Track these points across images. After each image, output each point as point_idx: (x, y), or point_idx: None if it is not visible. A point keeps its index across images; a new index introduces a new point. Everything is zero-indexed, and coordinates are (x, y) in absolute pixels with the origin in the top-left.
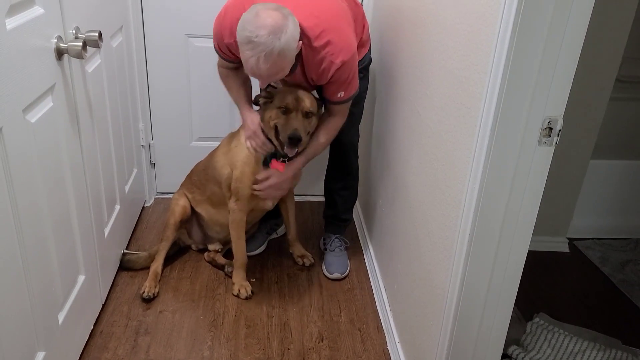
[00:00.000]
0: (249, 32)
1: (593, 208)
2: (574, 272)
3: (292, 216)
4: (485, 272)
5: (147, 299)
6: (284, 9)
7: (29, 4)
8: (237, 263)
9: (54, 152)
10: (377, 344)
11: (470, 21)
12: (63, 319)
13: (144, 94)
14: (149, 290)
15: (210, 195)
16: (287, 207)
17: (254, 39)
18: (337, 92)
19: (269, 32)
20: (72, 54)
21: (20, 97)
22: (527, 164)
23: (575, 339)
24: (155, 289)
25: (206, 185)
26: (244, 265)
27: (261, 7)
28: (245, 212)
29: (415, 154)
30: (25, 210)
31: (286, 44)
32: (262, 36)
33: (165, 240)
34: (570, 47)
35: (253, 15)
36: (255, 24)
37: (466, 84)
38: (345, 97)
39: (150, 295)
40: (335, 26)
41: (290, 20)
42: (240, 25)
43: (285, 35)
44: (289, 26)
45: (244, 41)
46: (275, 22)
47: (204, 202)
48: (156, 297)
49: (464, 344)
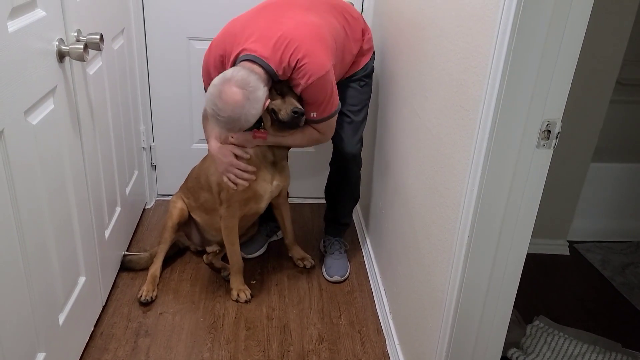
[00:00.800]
0: (213, 110)
1: (593, 211)
2: (574, 275)
3: (287, 221)
4: (484, 274)
5: (144, 303)
6: (248, 84)
7: (30, 7)
8: (234, 268)
9: (55, 154)
10: (377, 346)
11: (469, 24)
12: (64, 320)
13: (145, 96)
14: (146, 294)
15: (204, 202)
16: (282, 213)
17: (218, 117)
18: (310, 112)
19: (229, 115)
20: (73, 57)
21: (21, 99)
22: (526, 166)
23: (575, 342)
24: (153, 292)
25: (199, 192)
26: (241, 270)
27: (226, 84)
28: (237, 218)
29: (414, 156)
30: (26, 211)
31: (245, 121)
32: (224, 117)
33: (163, 243)
34: (569, 49)
35: (218, 95)
36: (218, 105)
37: (465, 87)
38: (318, 118)
39: (148, 299)
40: (306, 47)
41: (252, 97)
42: (207, 99)
43: (245, 115)
44: (249, 106)
45: (210, 114)
46: (236, 104)
47: (198, 209)
48: (154, 300)
49: (463, 346)
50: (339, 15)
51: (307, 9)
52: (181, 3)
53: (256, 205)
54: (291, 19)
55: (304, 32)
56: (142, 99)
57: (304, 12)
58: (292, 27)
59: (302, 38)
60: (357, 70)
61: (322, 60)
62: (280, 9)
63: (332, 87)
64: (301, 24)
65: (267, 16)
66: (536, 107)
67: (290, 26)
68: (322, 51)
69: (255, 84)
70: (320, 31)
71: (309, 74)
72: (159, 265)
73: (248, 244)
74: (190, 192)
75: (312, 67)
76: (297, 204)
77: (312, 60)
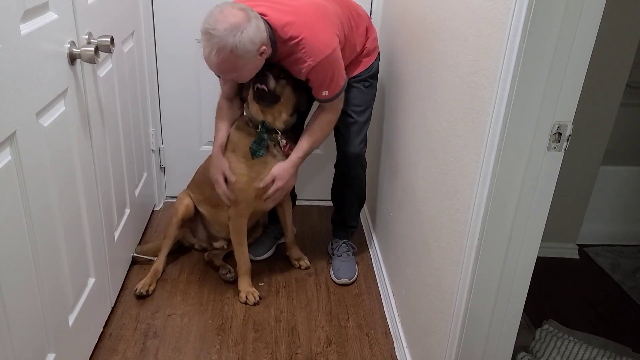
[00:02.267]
0: (208, 24)
1: (603, 214)
2: (584, 279)
3: (289, 219)
4: (494, 277)
5: (139, 296)
6: (251, 11)
7: (43, 10)
8: (241, 270)
9: (66, 156)
10: (385, 349)
11: (479, 26)
12: (73, 321)
13: (155, 98)
14: (142, 287)
15: (209, 195)
16: (284, 211)
17: (211, 31)
18: (321, 91)
19: (226, 28)
20: (84, 59)
21: (33, 101)
22: (537, 169)
23: (585, 346)
24: (150, 286)
25: (205, 186)
26: (248, 271)
27: (229, 5)
28: (246, 217)
29: (423, 159)
30: (37, 212)
31: (240, 43)
32: (219, 30)
33: (168, 239)
34: (580, 51)
35: (218, 11)
36: (215, 18)
37: (475, 89)
38: (330, 96)
39: (143, 292)
40: (311, 24)
41: (254, 22)
42: (205, 17)
43: (241, 34)
44: (250, 28)
45: (202, 32)
46: (236, 20)
47: (204, 202)
48: (150, 295)
49: (472, 349)
50: (345, 9)
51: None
52: (191, 6)
53: (263, 204)
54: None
55: (308, 9)
56: (151, 101)
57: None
58: (297, 3)
59: (305, 15)
60: (362, 70)
61: (327, 38)
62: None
63: (340, 64)
64: (306, 3)
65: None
66: (547, 110)
67: (296, 2)
68: (326, 29)
69: (257, 16)
70: (324, 10)
71: (313, 54)
72: (163, 260)
73: (256, 246)
74: (197, 185)
75: (316, 45)
76: (305, 207)
77: (315, 39)
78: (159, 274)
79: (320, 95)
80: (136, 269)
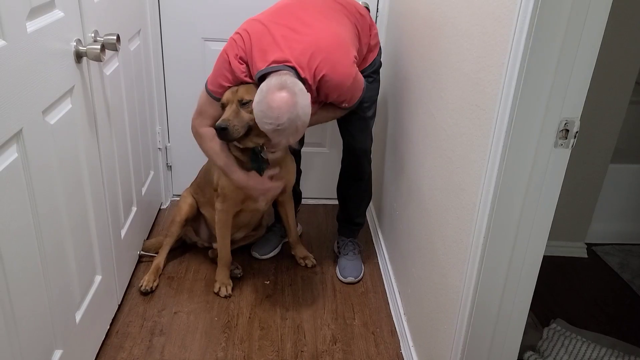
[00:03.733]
0: (270, 124)
1: (612, 213)
2: (592, 278)
3: (291, 218)
4: (500, 276)
5: (144, 292)
6: (286, 82)
7: (49, 8)
8: (221, 262)
9: (72, 154)
10: (391, 347)
11: (485, 23)
12: (80, 318)
13: (161, 96)
14: (146, 284)
15: (209, 197)
16: (286, 210)
17: (279, 128)
18: (342, 104)
19: (288, 117)
20: (90, 57)
21: (40, 99)
22: (543, 166)
23: (593, 346)
24: (153, 282)
25: (206, 188)
26: (228, 264)
27: (269, 94)
28: (231, 214)
29: (429, 156)
30: (44, 210)
31: (304, 114)
32: (284, 123)
33: (170, 236)
34: (588, 47)
35: (267, 107)
36: (273, 115)
37: (481, 86)
38: (350, 105)
39: (148, 289)
40: (331, 59)
41: (297, 90)
42: (259, 119)
43: (301, 109)
44: (299, 99)
45: (269, 131)
46: (288, 104)
47: (206, 204)
48: (154, 291)
49: (478, 348)
50: (350, 15)
51: (322, 12)
52: (197, 4)
53: (254, 203)
54: (311, 27)
55: (325, 41)
56: (158, 100)
57: (322, 18)
58: (314, 36)
59: (324, 48)
60: (365, 66)
61: (346, 70)
62: (297, 14)
63: (359, 84)
64: (322, 32)
65: (286, 22)
66: (554, 106)
67: (312, 36)
68: (345, 59)
69: (292, 80)
70: (339, 37)
71: (337, 88)
72: (164, 257)
73: (262, 245)
74: (199, 187)
75: (338, 79)
76: (311, 205)
77: (337, 74)
78: (161, 270)
79: (341, 105)
80: (143, 266)
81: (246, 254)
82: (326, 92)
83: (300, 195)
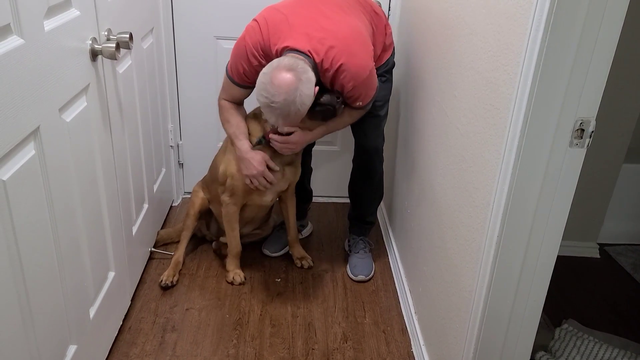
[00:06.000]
0: (266, 97)
1: (625, 213)
2: (604, 279)
3: (292, 216)
4: (513, 275)
5: (164, 287)
6: (297, 66)
7: (66, 6)
8: (232, 253)
9: (87, 151)
10: (402, 346)
11: (499, 22)
12: (94, 314)
13: (173, 94)
14: (166, 278)
15: (216, 194)
16: (287, 207)
17: (271, 105)
18: (355, 102)
19: (284, 97)
20: (106, 55)
21: (56, 96)
22: (558, 166)
23: (605, 347)
24: (173, 277)
25: (211, 185)
26: (238, 254)
27: (275, 70)
28: (238, 207)
29: (442, 155)
30: (60, 206)
31: (301, 103)
32: (278, 102)
33: (186, 230)
34: (604, 46)
35: (269, 81)
36: (271, 91)
37: (496, 85)
38: (364, 104)
39: (168, 284)
40: (349, 50)
41: (304, 77)
42: (258, 89)
43: (299, 96)
44: (303, 86)
45: (262, 105)
46: (289, 86)
47: (213, 201)
48: (174, 285)
49: (490, 348)
50: (367, 14)
51: (341, 6)
52: (209, 3)
53: (260, 198)
54: (330, 19)
55: (344, 33)
56: (170, 98)
57: (340, 12)
58: (333, 27)
59: (343, 40)
60: (379, 65)
61: (363, 62)
62: (317, 6)
63: (374, 80)
64: (341, 24)
65: (306, 12)
66: (569, 106)
67: (331, 26)
68: (363, 52)
69: (304, 66)
70: (358, 31)
71: (353, 79)
72: (183, 251)
73: (273, 242)
74: (207, 184)
75: (355, 71)
76: (322, 203)
77: (354, 65)
78: (180, 265)
79: (355, 105)
80: (154, 263)
81: (257, 252)
82: (342, 82)
83: (311, 193)
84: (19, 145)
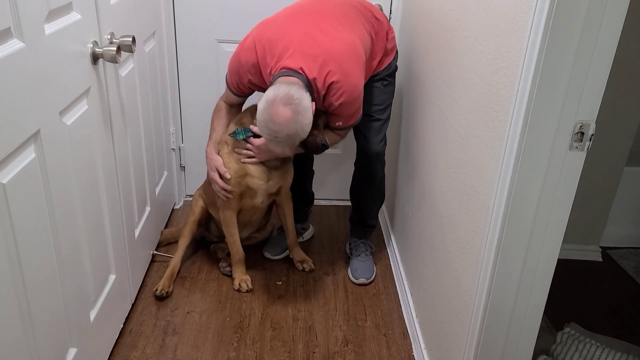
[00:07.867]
0: (269, 135)
1: (627, 216)
2: (606, 282)
3: (289, 220)
4: (513, 279)
5: (160, 297)
6: (293, 98)
7: (66, 10)
8: (235, 259)
9: (88, 154)
10: (403, 350)
11: (499, 25)
12: (94, 317)
13: (175, 97)
14: (162, 289)
15: (213, 199)
16: (285, 212)
17: (276, 139)
18: (336, 122)
19: (287, 133)
20: (107, 59)
21: (57, 99)
22: (558, 169)
23: (607, 350)
24: (169, 288)
25: (208, 189)
26: (242, 260)
27: (273, 106)
28: (235, 211)
29: (442, 158)
30: (60, 209)
31: (302, 131)
32: (282, 137)
33: (183, 238)
34: (604, 49)
35: (269, 119)
36: (273, 128)
37: (495, 88)
38: (343, 126)
39: (163, 294)
40: (343, 68)
41: (301, 108)
42: (260, 126)
43: (300, 127)
44: (301, 117)
45: (268, 140)
46: (289, 121)
47: (212, 206)
48: (169, 295)
49: (491, 352)
50: (366, 22)
51: (338, 18)
52: (211, 6)
53: (251, 200)
54: (327, 34)
55: (339, 50)
56: (172, 101)
57: (338, 25)
58: (328, 44)
59: (338, 57)
60: (380, 69)
61: (356, 81)
62: (313, 19)
63: (360, 102)
64: (337, 40)
65: (302, 27)
66: (569, 109)
67: (326, 43)
68: (357, 71)
69: (299, 95)
70: (354, 48)
71: (343, 95)
72: (179, 260)
73: (274, 245)
74: (204, 189)
75: (347, 89)
76: (323, 206)
77: (347, 82)
78: (175, 275)
79: (334, 124)
80: (156, 266)
81: (259, 255)
82: (331, 99)
83: (313, 196)
84: (19, 149)
